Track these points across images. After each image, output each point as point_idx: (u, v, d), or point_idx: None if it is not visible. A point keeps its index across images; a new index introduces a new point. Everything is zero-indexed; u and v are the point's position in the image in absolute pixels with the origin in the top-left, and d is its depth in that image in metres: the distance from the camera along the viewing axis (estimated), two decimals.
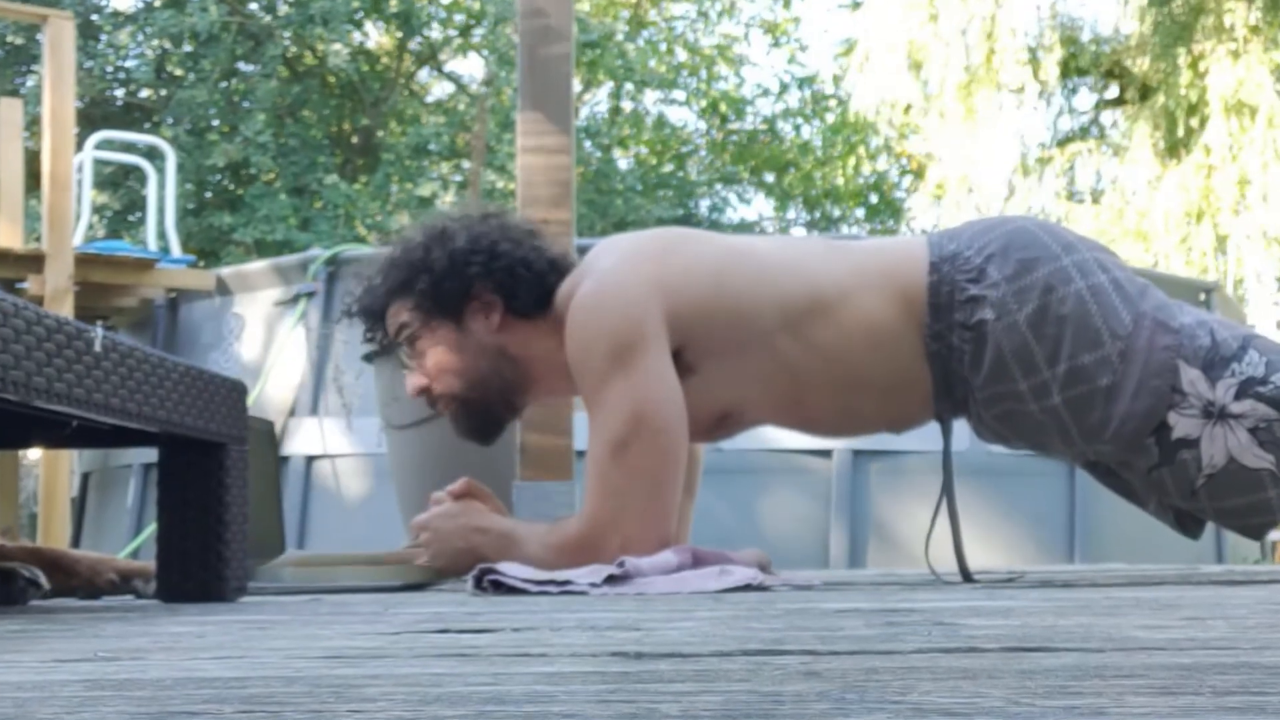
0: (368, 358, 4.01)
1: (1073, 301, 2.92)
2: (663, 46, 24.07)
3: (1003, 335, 2.92)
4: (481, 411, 3.13)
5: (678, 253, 3.03)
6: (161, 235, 9.19)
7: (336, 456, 7.77)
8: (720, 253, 3.05)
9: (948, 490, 3.06)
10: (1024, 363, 2.92)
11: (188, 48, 20.66)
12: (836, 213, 24.63)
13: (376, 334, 3.21)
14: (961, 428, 3.11)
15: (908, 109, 16.82)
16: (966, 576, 3.03)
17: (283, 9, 20.61)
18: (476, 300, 3.08)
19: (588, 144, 22.50)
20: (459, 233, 3.11)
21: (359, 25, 21.48)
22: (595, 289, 2.96)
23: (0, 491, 7.14)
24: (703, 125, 24.64)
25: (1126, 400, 2.89)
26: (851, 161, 24.04)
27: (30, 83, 18.86)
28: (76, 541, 8.39)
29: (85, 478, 8.98)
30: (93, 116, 18.32)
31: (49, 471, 6.75)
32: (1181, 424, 2.88)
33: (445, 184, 21.97)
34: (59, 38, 6.83)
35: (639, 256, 3.01)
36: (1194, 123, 15.25)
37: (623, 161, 23.79)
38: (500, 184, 19.99)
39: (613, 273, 2.98)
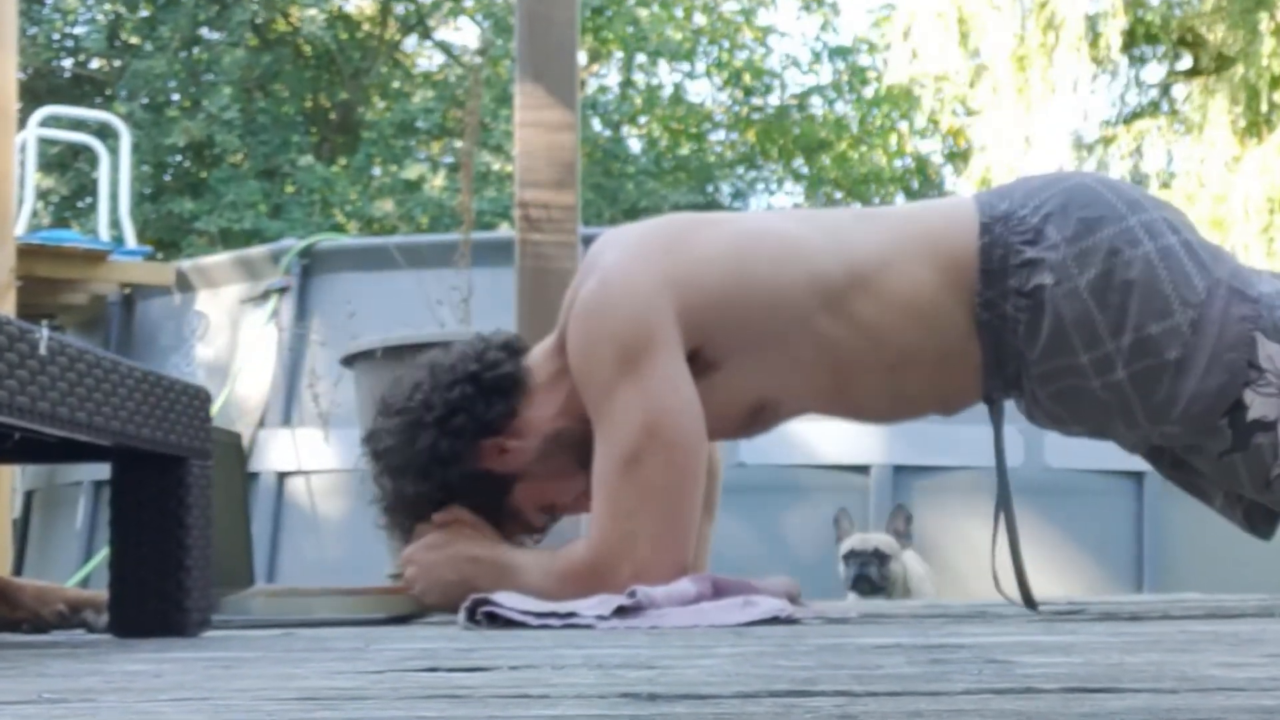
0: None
1: (1140, 265, 2.90)
2: (679, 12, 24.08)
3: (1062, 302, 2.90)
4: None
5: (689, 242, 3.03)
6: (115, 224, 9.21)
7: (312, 473, 7.78)
8: (739, 236, 3.05)
9: (1002, 488, 3.04)
10: (1085, 333, 2.90)
11: (144, 13, 20.71)
12: (876, 200, 24.62)
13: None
14: (1014, 438, 3.10)
15: (946, 78, 16.80)
16: (1030, 603, 3.02)
17: None
18: (485, 461, 3.09)
19: (595, 121, 22.52)
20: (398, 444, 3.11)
21: None
22: (598, 289, 2.95)
23: None
24: (724, 100, 24.64)
25: (1197, 376, 2.88)
26: (892, 140, 24.02)
27: None
28: (19, 569, 8.40)
29: (29, 496, 8.99)
30: (37, 90, 18.36)
31: None
32: (1258, 404, 2.87)
33: (434, 166, 21.99)
34: None
35: (645, 250, 3.01)
36: (1277, 97, 15.23)
37: (634, 141, 23.81)
38: (496, 166, 20.02)
39: (617, 270, 2.97)
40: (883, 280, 2.97)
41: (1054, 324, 2.91)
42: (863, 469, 7.39)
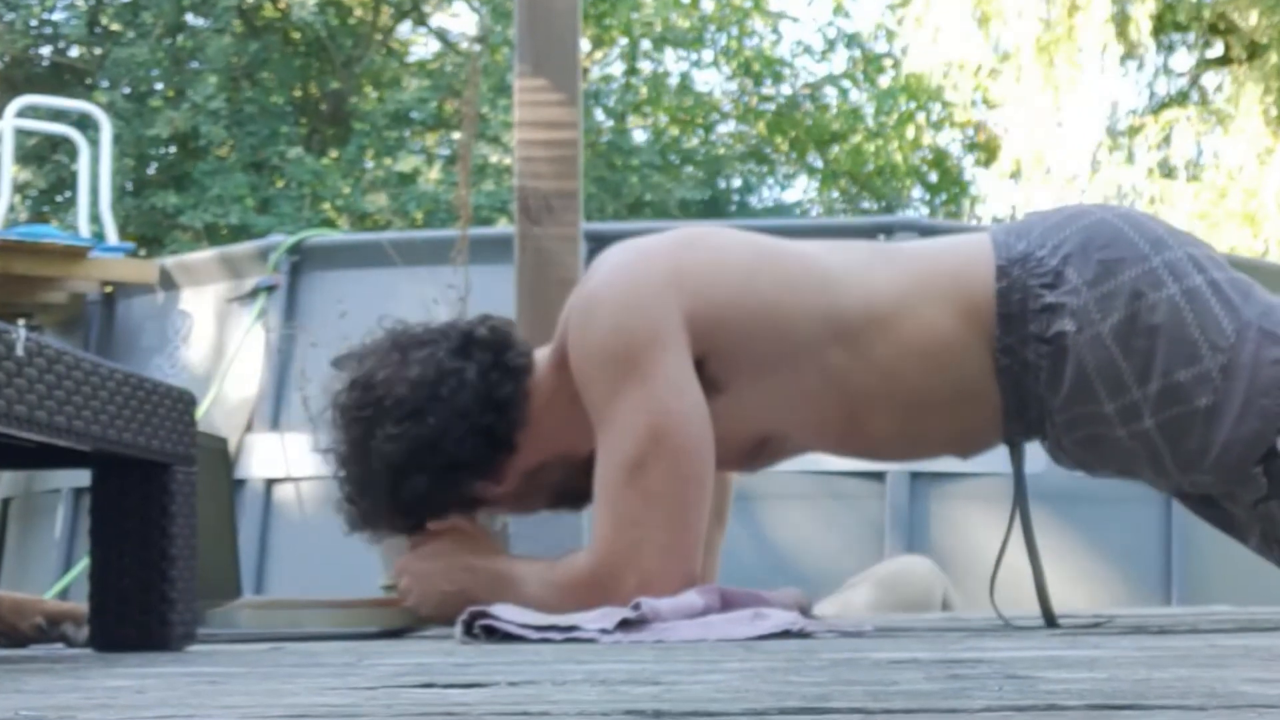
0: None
1: (1165, 309, 2.90)
2: None
3: (1085, 349, 2.90)
4: (573, 493, 3.19)
5: (698, 248, 3.03)
6: (95, 219, 9.20)
7: (301, 479, 7.77)
8: (751, 251, 3.05)
9: (1023, 521, 3.05)
10: (1110, 381, 2.90)
11: None
12: (892, 193, 24.62)
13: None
14: (1036, 448, 3.10)
15: (976, 70, 16.81)
16: (1050, 621, 3.02)
17: None
18: (479, 494, 3.11)
19: (598, 112, 22.52)
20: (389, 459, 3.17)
21: None
22: (601, 285, 2.96)
23: None
24: (733, 89, 24.64)
25: (1229, 423, 2.88)
26: (909, 132, 24.02)
27: None
28: None
29: (5, 505, 8.99)
30: (14, 79, 18.38)
31: None
32: None
33: (430, 158, 21.99)
34: None
35: (652, 253, 3.01)
36: None
37: (639, 132, 23.80)
38: (494, 158, 20.01)
39: (622, 268, 2.97)
40: (900, 323, 2.97)
41: (1077, 371, 2.91)
42: (878, 476, 7.37)
